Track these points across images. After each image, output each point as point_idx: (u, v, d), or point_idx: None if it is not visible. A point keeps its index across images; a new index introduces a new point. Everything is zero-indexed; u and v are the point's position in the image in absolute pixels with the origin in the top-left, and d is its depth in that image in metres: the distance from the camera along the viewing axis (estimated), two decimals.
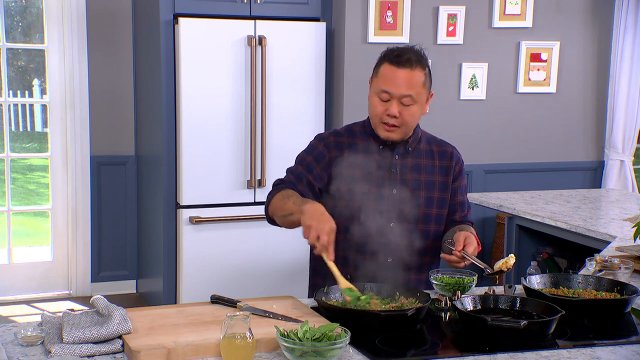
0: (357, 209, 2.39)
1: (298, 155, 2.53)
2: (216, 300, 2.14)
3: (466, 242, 2.28)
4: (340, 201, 2.41)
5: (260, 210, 4.49)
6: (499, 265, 2.20)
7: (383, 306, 2.10)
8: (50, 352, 1.75)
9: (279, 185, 2.48)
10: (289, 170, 2.51)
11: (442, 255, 2.35)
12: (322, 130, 4.95)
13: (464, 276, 2.33)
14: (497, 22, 5.26)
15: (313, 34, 4.87)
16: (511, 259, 2.20)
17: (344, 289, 2.08)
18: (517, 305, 2.07)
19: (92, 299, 2.03)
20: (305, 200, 2.31)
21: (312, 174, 2.45)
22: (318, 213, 2.19)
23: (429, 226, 2.48)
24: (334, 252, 2.14)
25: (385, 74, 2.38)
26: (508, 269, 2.20)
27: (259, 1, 4.81)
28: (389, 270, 2.37)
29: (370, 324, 1.94)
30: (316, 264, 2.55)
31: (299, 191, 2.40)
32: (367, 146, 2.47)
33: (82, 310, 2.02)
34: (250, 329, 1.70)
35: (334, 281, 2.16)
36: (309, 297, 2.55)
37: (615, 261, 2.46)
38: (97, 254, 5.43)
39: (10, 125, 5.39)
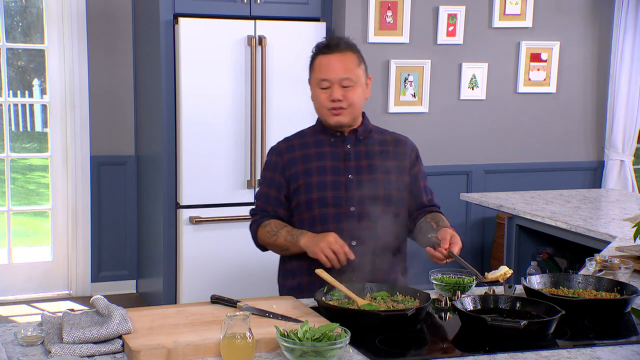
0: (317, 198, 2.49)
1: (260, 175, 2.64)
2: (216, 300, 2.14)
3: (452, 241, 2.30)
4: (300, 196, 2.51)
5: None
6: (496, 275, 2.20)
7: (385, 304, 2.10)
8: (50, 352, 1.75)
9: (254, 216, 2.60)
10: (256, 196, 2.63)
11: (427, 248, 2.35)
12: None
13: (464, 276, 2.33)
14: (497, 22, 5.26)
15: (313, 34, 4.87)
16: (509, 272, 2.21)
17: (363, 306, 2.08)
18: (517, 305, 2.07)
19: (92, 299, 2.03)
20: (294, 234, 2.45)
21: (275, 186, 2.55)
22: (314, 239, 2.36)
23: (389, 208, 2.50)
24: (350, 252, 2.31)
25: (320, 63, 2.49)
26: (504, 280, 2.21)
27: (259, 1, 4.80)
28: (355, 252, 2.38)
29: (370, 324, 1.94)
30: (286, 266, 2.62)
31: (272, 213, 2.54)
32: (318, 141, 2.57)
33: (82, 310, 2.02)
34: (250, 329, 1.70)
35: (304, 282, 2.25)
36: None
37: (615, 261, 2.46)
38: (97, 254, 5.43)
39: (10, 125, 5.39)
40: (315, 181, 2.50)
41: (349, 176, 2.51)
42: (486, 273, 2.24)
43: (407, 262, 2.62)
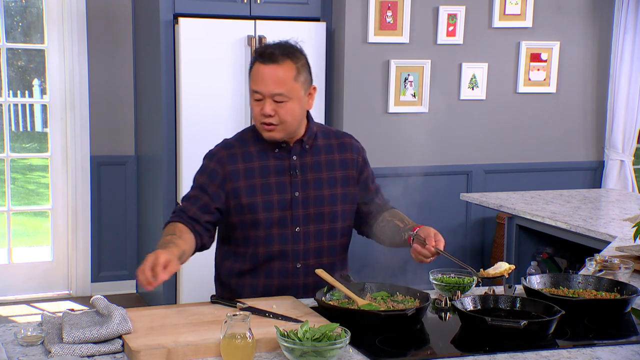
0: (263, 219, 2.35)
1: (193, 177, 2.45)
2: (216, 300, 2.14)
3: (436, 238, 2.24)
4: (244, 215, 2.35)
5: None
6: (499, 271, 2.20)
7: (385, 303, 2.10)
8: (50, 352, 1.75)
9: (172, 215, 2.39)
10: (184, 197, 2.42)
11: (414, 246, 2.26)
12: None
13: (464, 276, 2.33)
14: (497, 22, 5.26)
15: (313, 34, 4.87)
16: (512, 267, 2.21)
17: (363, 306, 2.08)
18: (517, 305, 2.07)
19: (92, 299, 2.03)
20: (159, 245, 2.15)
21: (208, 195, 2.35)
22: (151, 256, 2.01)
23: (335, 224, 2.43)
24: (163, 274, 1.94)
25: (254, 73, 2.32)
26: (502, 276, 2.21)
27: (259, 1, 4.81)
28: (299, 276, 2.37)
29: (370, 324, 1.94)
30: (222, 274, 2.50)
31: (192, 217, 2.32)
32: (262, 152, 2.39)
33: (82, 310, 2.02)
34: (250, 329, 1.70)
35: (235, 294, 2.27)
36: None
37: (615, 261, 2.46)
38: (97, 254, 5.43)
39: (10, 125, 5.39)
40: (260, 200, 2.34)
41: (295, 193, 2.37)
42: (481, 269, 2.24)
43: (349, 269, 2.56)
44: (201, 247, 2.37)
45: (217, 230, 2.48)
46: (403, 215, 2.49)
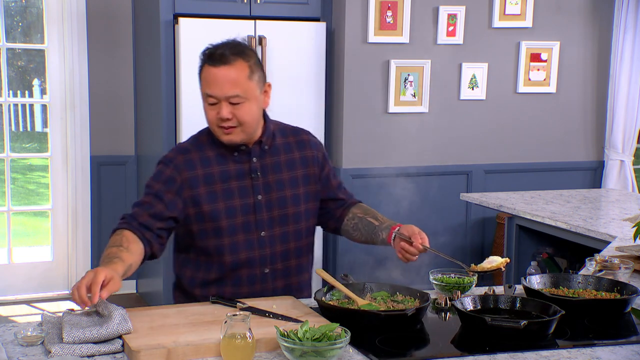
0: (226, 226, 2.26)
1: (146, 184, 2.31)
2: (216, 300, 2.14)
3: (421, 235, 2.24)
4: (205, 223, 2.26)
5: None
6: (495, 264, 2.20)
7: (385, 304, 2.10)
8: (50, 352, 1.75)
9: (120, 221, 2.25)
10: (136, 203, 2.28)
11: (402, 244, 2.25)
12: (321, 130, 4.96)
13: (464, 276, 2.33)
14: (497, 22, 5.26)
15: (313, 34, 4.87)
16: (507, 260, 2.21)
17: (363, 306, 2.07)
18: (517, 305, 2.07)
19: None
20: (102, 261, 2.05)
21: (163, 202, 2.23)
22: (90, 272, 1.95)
23: (299, 225, 2.37)
24: (96, 294, 1.87)
25: (206, 76, 2.23)
26: (499, 269, 2.21)
27: (259, 1, 4.81)
28: (267, 281, 2.32)
29: (370, 324, 1.94)
30: (184, 284, 2.38)
31: (142, 224, 2.19)
32: (220, 157, 2.30)
33: (82, 310, 2.01)
34: (250, 329, 1.70)
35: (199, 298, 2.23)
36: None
37: (615, 261, 2.46)
38: (97, 254, 5.42)
39: (10, 125, 5.39)
40: (222, 207, 2.25)
41: (258, 197, 2.29)
42: (472, 264, 2.24)
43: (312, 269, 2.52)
44: (151, 256, 2.24)
45: (174, 239, 2.40)
46: (374, 211, 2.44)
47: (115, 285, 1.92)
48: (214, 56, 2.20)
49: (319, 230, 2.58)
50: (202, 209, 2.25)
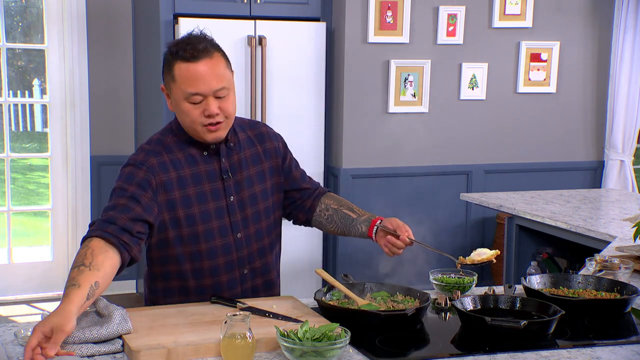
0: (203, 232, 2.18)
1: (114, 188, 2.15)
2: (216, 300, 2.14)
3: (405, 228, 2.22)
4: (181, 229, 2.16)
5: None
6: (485, 257, 2.20)
7: (385, 304, 2.10)
8: None
9: (91, 227, 2.07)
10: (109, 207, 2.09)
11: (388, 237, 2.22)
12: (321, 130, 4.95)
13: (464, 276, 2.33)
14: (497, 22, 5.26)
15: (313, 34, 4.87)
16: (497, 253, 2.21)
17: (363, 306, 2.07)
18: (517, 305, 2.07)
19: None
20: (66, 291, 1.83)
21: (140, 205, 2.07)
22: (47, 318, 1.74)
23: (270, 219, 2.31)
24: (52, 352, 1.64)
25: (186, 75, 2.08)
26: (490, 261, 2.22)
27: (259, 1, 4.81)
28: (247, 281, 2.28)
29: (370, 324, 1.94)
30: (158, 295, 2.28)
31: (121, 227, 2.00)
32: (190, 158, 2.19)
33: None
34: (250, 329, 1.70)
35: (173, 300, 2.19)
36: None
37: (615, 261, 2.46)
38: None
39: (10, 125, 5.39)
40: (197, 212, 2.16)
41: (230, 198, 2.21)
42: (460, 257, 2.24)
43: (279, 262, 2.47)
44: (130, 261, 2.06)
45: (146, 251, 2.26)
46: (347, 201, 2.40)
47: (67, 331, 1.69)
48: (197, 51, 2.07)
49: (319, 230, 2.56)
50: (177, 214, 2.15)
